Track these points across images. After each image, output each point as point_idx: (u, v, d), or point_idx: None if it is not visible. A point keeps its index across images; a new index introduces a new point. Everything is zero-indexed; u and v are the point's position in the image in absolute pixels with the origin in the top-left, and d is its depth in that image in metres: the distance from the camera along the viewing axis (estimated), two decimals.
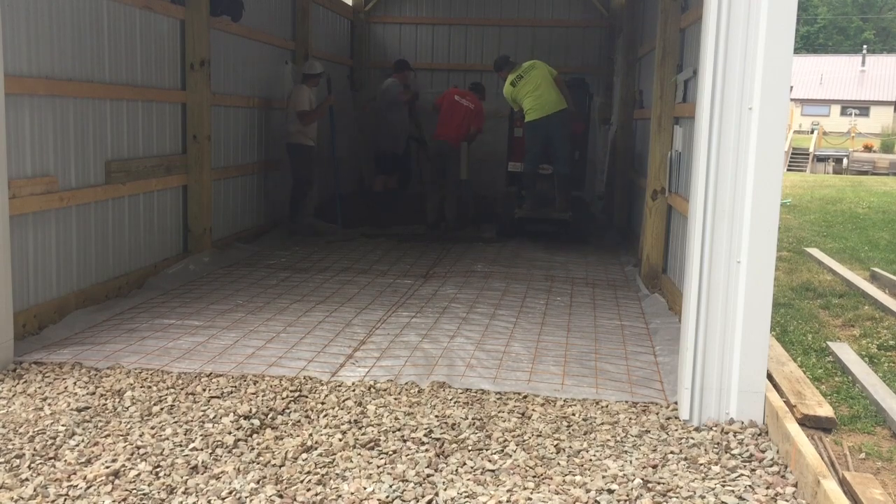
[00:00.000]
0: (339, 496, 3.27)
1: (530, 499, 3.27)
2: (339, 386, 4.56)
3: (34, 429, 3.89)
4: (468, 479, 3.43)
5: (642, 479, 3.47)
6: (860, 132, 42.32)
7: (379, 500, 3.24)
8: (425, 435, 3.88)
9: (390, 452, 3.69)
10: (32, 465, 3.52)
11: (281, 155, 10.06)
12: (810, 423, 4.07)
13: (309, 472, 3.47)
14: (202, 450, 3.68)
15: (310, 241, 9.40)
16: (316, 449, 3.71)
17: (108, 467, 3.47)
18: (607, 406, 4.36)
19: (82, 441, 3.76)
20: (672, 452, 3.78)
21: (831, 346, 5.49)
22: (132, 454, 3.63)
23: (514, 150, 10.25)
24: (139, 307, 6.16)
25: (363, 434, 3.88)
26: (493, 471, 3.53)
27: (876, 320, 6.32)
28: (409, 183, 12.20)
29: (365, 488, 3.33)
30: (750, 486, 3.45)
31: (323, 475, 3.44)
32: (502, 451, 3.74)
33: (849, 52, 60.48)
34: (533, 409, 4.27)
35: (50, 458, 3.58)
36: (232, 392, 4.43)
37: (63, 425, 3.92)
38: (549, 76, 9.53)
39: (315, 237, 9.75)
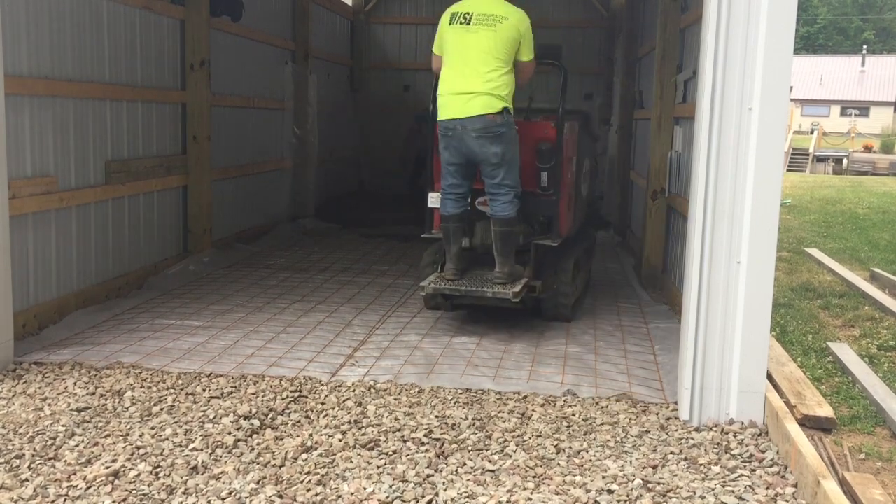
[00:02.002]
0: (339, 496, 3.27)
1: (530, 499, 3.27)
2: (340, 386, 4.56)
3: (34, 429, 3.88)
4: (468, 480, 3.43)
5: (642, 479, 3.47)
6: (860, 132, 42.32)
7: (379, 500, 3.24)
8: (425, 435, 3.88)
9: (390, 453, 3.69)
10: (32, 465, 3.52)
11: (283, 155, 10.08)
12: (810, 424, 4.07)
13: (309, 473, 3.47)
14: (202, 450, 3.68)
15: (310, 242, 9.40)
16: (316, 449, 3.71)
17: (107, 468, 3.47)
18: (607, 406, 4.36)
19: (82, 441, 3.76)
20: (672, 453, 3.78)
21: (831, 346, 5.49)
22: (132, 454, 3.63)
23: (431, 173, 5.95)
24: (139, 307, 6.16)
25: (363, 434, 3.88)
26: (493, 471, 3.53)
27: (876, 321, 6.32)
28: None
29: (365, 488, 3.33)
30: (750, 486, 3.45)
31: (323, 475, 3.44)
32: (502, 451, 3.74)
33: (849, 53, 60.49)
34: (533, 410, 4.27)
35: (50, 459, 3.58)
36: (232, 392, 4.43)
37: (63, 426, 3.92)
38: (502, 47, 5.40)
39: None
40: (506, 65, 5.42)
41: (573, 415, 4.22)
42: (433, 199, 5.82)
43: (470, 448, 3.76)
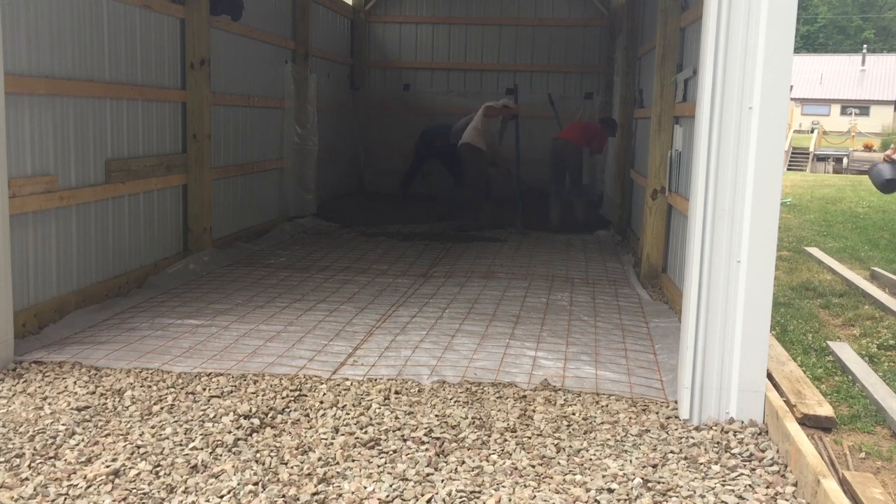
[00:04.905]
0: (340, 495, 3.27)
1: (531, 498, 3.28)
2: (340, 385, 4.56)
3: (34, 428, 3.89)
4: (468, 479, 3.43)
5: (642, 478, 3.47)
6: (860, 131, 42.32)
7: (379, 499, 3.24)
8: (425, 434, 3.88)
9: (390, 451, 3.69)
10: (33, 464, 3.52)
11: (283, 154, 10.08)
12: (810, 423, 4.07)
13: (309, 472, 3.47)
14: (202, 449, 3.68)
15: (310, 241, 9.40)
16: (316, 448, 3.71)
17: (108, 466, 3.48)
18: (607, 405, 4.36)
19: (82, 440, 3.76)
20: (672, 452, 3.78)
21: (831, 345, 5.49)
22: (132, 453, 3.63)
23: None
24: (139, 306, 6.16)
25: (363, 433, 3.88)
26: (492, 470, 3.53)
27: (876, 320, 6.32)
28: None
29: (365, 487, 3.33)
30: (750, 485, 3.45)
31: (323, 474, 3.44)
32: (502, 450, 3.74)
33: (849, 52, 60.53)
34: (533, 409, 4.27)
35: (50, 458, 3.58)
36: (232, 391, 4.43)
37: (63, 424, 3.93)
38: None
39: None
40: None
41: (573, 414, 4.23)
42: None
43: (469, 447, 3.77)
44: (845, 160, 34.17)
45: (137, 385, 4.49)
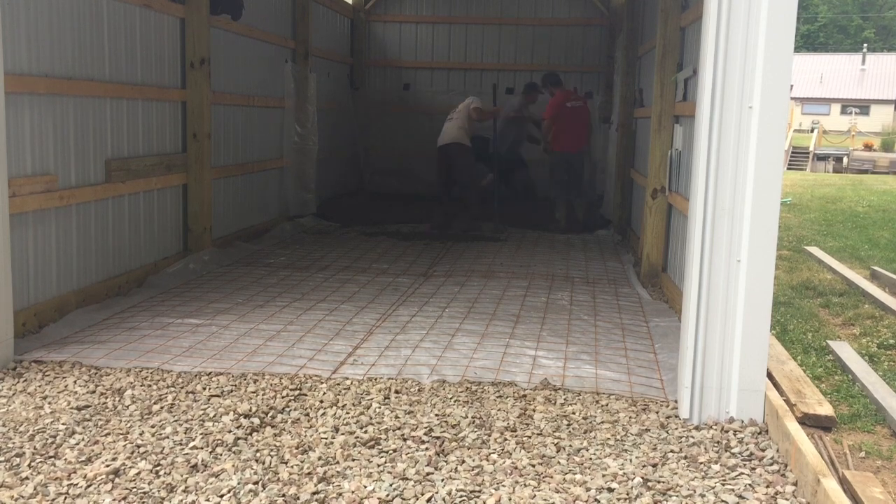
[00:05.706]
0: (340, 494, 3.28)
1: (531, 497, 3.28)
2: (340, 384, 4.56)
3: (34, 427, 3.89)
4: (468, 478, 3.43)
5: (642, 477, 3.47)
6: (860, 131, 42.28)
7: (379, 498, 3.24)
8: (425, 433, 3.88)
9: (390, 451, 3.69)
10: (33, 463, 3.52)
11: (284, 153, 10.08)
12: (810, 422, 4.07)
13: (309, 471, 3.47)
14: (202, 448, 3.68)
15: (310, 240, 9.40)
16: (316, 447, 3.71)
17: (108, 466, 3.48)
18: (607, 405, 4.36)
19: (82, 440, 3.76)
20: (672, 451, 3.78)
21: (831, 344, 5.49)
22: (132, 453, 3.63)
23: None
24: (139, 306, 6.16)
25: (364, 432, 3.88)
26: (492, 469, 3.53)
27: (876, 319, 6.32)
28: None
29: (365, 486, 3.33)
30: (750, 484, 3.45)
31: (323, 473, 3.44)
32: (502, 449, 3.74)
33: (849, 51, 60.50)
34: (533, 408, 4.27)
35: (50, 457, 3.58)
36: (232, 390, 4.43)
37: (63, 424, 3.93)
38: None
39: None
40: None
41: (573, 413, 4.23)
42: None
43: (470, 446, 3.77)
44: (845, 159, 34.16)
45: (137, 384, 4.49)
